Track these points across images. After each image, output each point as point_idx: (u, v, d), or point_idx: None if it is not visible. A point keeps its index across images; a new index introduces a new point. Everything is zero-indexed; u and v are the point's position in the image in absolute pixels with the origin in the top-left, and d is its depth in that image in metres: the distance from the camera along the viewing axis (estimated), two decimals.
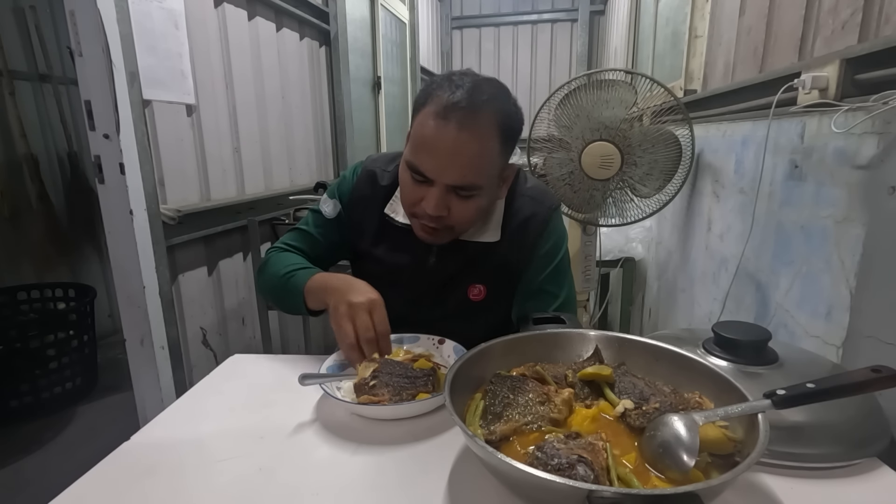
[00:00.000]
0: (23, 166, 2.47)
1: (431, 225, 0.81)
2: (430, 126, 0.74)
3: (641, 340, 0.65)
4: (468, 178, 0.76)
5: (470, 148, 0.74)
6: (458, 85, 0.75)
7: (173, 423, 0.69)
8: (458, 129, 0.73)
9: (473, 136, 0.74)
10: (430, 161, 0.76)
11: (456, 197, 0.78)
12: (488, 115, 0.75)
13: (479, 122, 0.74)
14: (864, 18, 0.85)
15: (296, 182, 2.36)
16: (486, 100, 0.75)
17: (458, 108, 0.73)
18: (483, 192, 0.80)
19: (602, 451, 0.47)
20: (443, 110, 0.73)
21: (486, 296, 0.91)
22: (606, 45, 4.83)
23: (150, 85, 1.48)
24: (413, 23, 4.15)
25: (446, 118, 0.73)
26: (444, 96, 0.74)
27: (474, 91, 0.75)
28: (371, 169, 0.95)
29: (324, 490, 0.54)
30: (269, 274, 0.93)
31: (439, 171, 0.76)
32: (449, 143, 0.74)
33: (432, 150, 0.75)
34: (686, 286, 1.71)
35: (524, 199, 0.91)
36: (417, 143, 0.77)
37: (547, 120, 1.60)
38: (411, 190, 0.81)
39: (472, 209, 0.81)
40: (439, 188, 0.77)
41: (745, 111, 1.27)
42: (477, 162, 0.76)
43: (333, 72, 2.69)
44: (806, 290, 0.94)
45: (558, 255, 0.92)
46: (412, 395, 0.67)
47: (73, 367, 2.16)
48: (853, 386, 0.48)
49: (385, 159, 0.96)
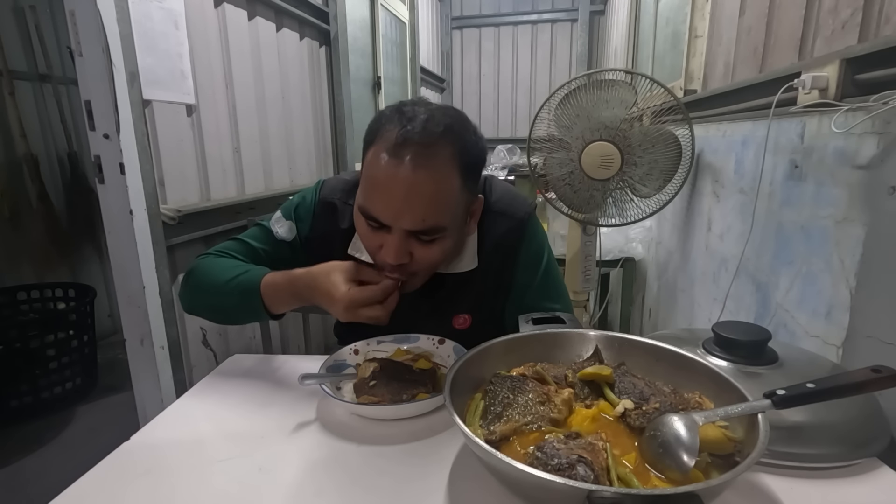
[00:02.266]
0: (23, 166, 2.47)
1: (393, 275, 0.72)
2: (380, 166, 0.67)
3: (641, 340, 0.65)
4: (428, 221, 0.69)
5: (426, 188, 0.67)
6: (409, 117, 0.68)
7: (173, 423, 0.68)
8: (412, 168, 0.66)
9: (429, 175, 0.67)
10: (384, 205, 0.68)
11: (417, 242, 0.71)
12: (444, 148, 0.68)
13: (435, 158, 0.67)
14: (864, 18, 0.85)
15: (296, 182, 2.36)
16: (442, 132, 0.67)
17: (410, 143, 0.66)
18: (447, 233, 0.72)
19: (602, 451, 0.47)
20: (393, 147, 0.66)
21: (471, 324, 0.88)
22: (606, 45, 4.83)
23: (150, 85, 1.48)
24: (413, 23, 4.15)
25: (398, 156, 0.66)
26: (395, 131, 0.67)
27: (427, 123, 0.67)
28: (330, 200, 0.86)
29: (324, 490, 0.54)
30: (205, 281, 0.81)
31: (395, 215, 0.68)
32: (403, 184, 0.66)
33: (385, 192, 0.68)
34: (686, 286, 1.71)
35: (492, 217, 0.84)
36: (368, 185, 0.70)
37: (547, 120, 1.60)
38: (369, 237, 0.73)
39: (436, 253, 0.73)
40: (398, 234, 0.69)
41: (745, 111, 1.27)
42: (435, 203, 0.68)
43: (333, 72, 2.69)
44: (806, 290, 0.94)
45: (542, 262, 0.88)
46: (412, 395, 0.67)
47: (73, 367, 2.16)
48: (853, 386, 0.48)
49: (342, 189, 0.88)
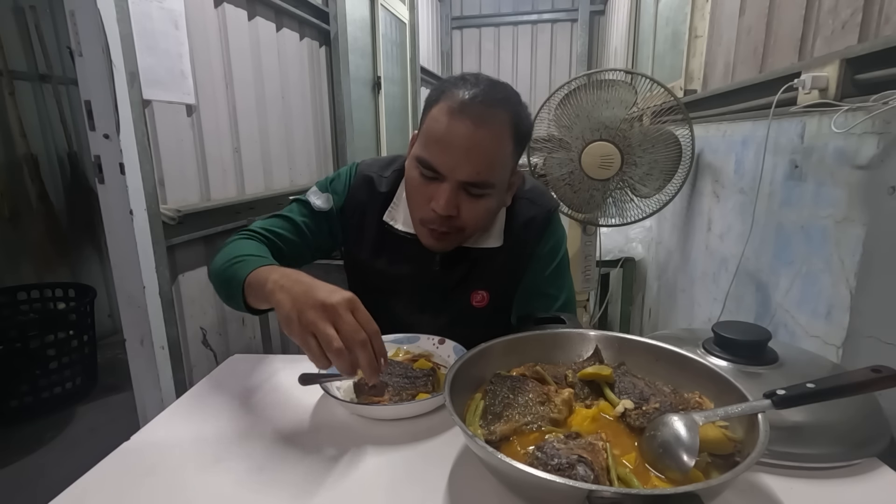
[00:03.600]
0: (23, 166, 2.47)
1: (441, 229, 0.78)
2: (444, 121, 0.73)
3: (641, 340, 0.65)
4: (482, 174, 0.74)
5: (485, 143, 0.73)
6: (472, 83, 0.75)
7: (173, 423, 0.68)
8: (474, 125, 0.72)
9: (489, 133, 0.73)
10: (444, 156, 0.74)
11: (467, 196, 0.76)
12: (504, 113, 0.74)
13: (496, 120, 0.73)
14: (864, 18, 0.85)
15: (296, 182, 2.36)
16: (502, 98, 0.74)
17: (475, 103, 0.72)
18: (494, 193, 0.78)
19: (602, 451, 0.47)
20: (459, 105, 0.72)
21: (488, 301, 0.91)
22: (606, 45, 4.83)
23: (150, 85, 1.48)
24: (413, 23, 4.15)
25: (462, 112, 0.72)
26: (460, 93, 0.73)
27: (490, 89, 0.74)
28: (367, 174, 0.91)
29: (324, 490, 0.54)
30: (219, 258, 0.81)
31: (453, 166, 0.74)
32: (464, 138, 0.72)
33: (447, 144, 0.73)
34: (686, 286, 1.71)
35: (523, 202, 0.90)
36: (430, 138, 0.75)
37: (547, 120, 1.60)
38: (420, 189, 0.78)
39: (482, 210, 0.78)
40: (451, 185, 0.74)
41: (745, 111, 1.27)
42: (491, 158, 0.75)
43: (333, 72, 2.69)
44: (806, 290, 0.94)
45: (558, 257, 0.92)
46: (412, 395, 0.67)
47: (73, 367, 2.16)
48: (853, 386, 0.48)
49: (379, 165, 0.93)
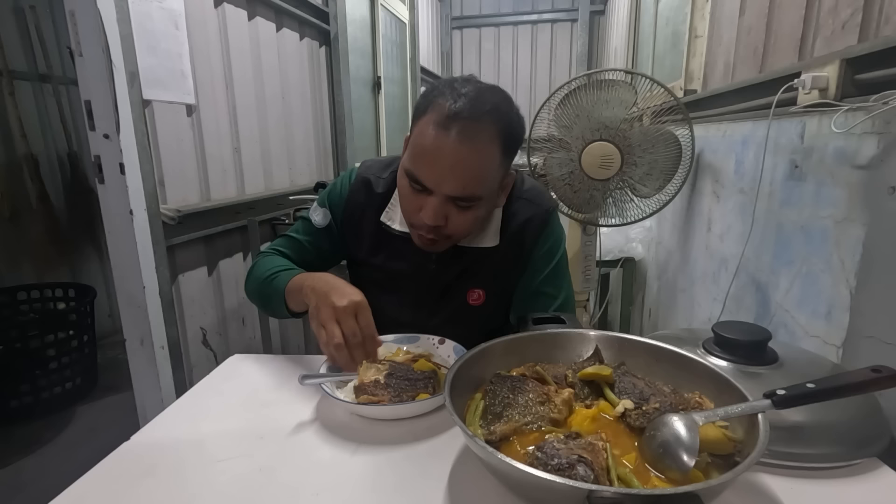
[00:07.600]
0: (23, 166, 2.47)
1: (429, 236, 0.80)
2: (430, 135, 0.73)
3: (641, 340, 0.65)
4: (468, 189, 0.75)
5: (470, 160, 0.73)
6: (460, 93, 0.74)
7: (173, 423, 0.68)
8: (458, 141, 0.72)
9: (474, 148, 0.73)
10: (429, 171, 0.75)
11: (454, 207, 0.77)
12: (490, 125, 0.74)
13: (481, 134, 0.73)
14: (864, 18, 0.85)
15: (296, 182, 2.36)
16: (489, 110, 0.74)
17: (459, 118, 0.72)
18: (482, 203, 0.79)
19: (602, 451, 0.47)
20: (444, 120, 0.72)
21: (485, 300, 0.91)
22: (606, 45, 4.83)
23: (150, 85, 1.48)
24: (413, 23, 4.14)
25: (447, 128, 0.72)
26: (446, 105, 0.73)
27: (477, 100, 0.73)
28: (365, 176, 0.93)
29: (324, 490, 0.54)
30: (254, 277, 0.92)
31: (438, 181, 0.74)
32: (449, 154, 0.72)
33: (432, 160, 0.74)
34: (686, 286, 1.71)
35: (521, 203, 0.90)
36: (417, 151, 0.76)
37: (547, 120, 1.60)
38: (409, 198, 0.80)
39: (469, 219, 0.80)
40: (438, 198, 0.76)
41: (745, 111, 1.27)
42: (477, 173, 0.75)
43: (333, 72, 2.69)
44: (806, 290, 0.94)
45: (556, 257, 0.92)
46: (412, 395, 0.67)
47: (73, 367, 2.16)
48: (853, 386, 0.48)
49: (379, 166, 0.95)
